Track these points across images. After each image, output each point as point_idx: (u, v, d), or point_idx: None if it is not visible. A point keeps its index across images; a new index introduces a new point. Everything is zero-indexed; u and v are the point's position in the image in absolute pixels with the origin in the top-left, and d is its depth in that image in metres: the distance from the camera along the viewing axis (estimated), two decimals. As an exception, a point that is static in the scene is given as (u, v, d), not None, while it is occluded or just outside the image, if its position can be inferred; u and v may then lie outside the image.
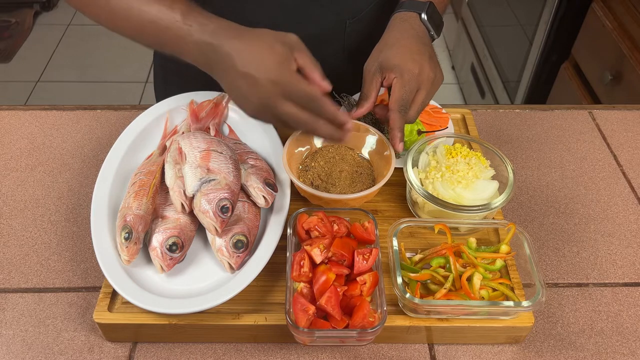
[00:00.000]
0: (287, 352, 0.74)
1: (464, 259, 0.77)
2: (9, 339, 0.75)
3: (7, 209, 0.91)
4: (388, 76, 0.80)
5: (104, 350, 0.74)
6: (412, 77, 0.79)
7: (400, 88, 0.79)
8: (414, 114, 0.81)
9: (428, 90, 0.82)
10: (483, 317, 0.73)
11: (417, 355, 0.75)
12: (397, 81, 0.79)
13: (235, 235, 0.75)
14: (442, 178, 0.83)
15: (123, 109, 1.09)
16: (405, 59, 0.81)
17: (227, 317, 0.73)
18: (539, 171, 1.00)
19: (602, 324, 0.79)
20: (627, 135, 1.08)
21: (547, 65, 2.07)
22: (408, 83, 0.79)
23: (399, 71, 0.79)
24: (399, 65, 0.80)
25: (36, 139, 1.02)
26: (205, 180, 0.76)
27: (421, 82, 0.81)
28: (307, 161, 0.90)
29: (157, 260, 0.74)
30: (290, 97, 0.68)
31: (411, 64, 0.80)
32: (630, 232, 0.91)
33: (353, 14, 0.99)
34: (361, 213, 0.80)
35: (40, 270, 0.83)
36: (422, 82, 0.81)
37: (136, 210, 0.76)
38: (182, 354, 0.74)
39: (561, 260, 0.87)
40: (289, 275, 0.71)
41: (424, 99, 0.82)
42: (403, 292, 0.70)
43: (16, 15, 3.20)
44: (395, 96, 0.79)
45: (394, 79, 0.79)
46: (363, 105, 0.82)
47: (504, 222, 0.80)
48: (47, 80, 2.87)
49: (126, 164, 0.86)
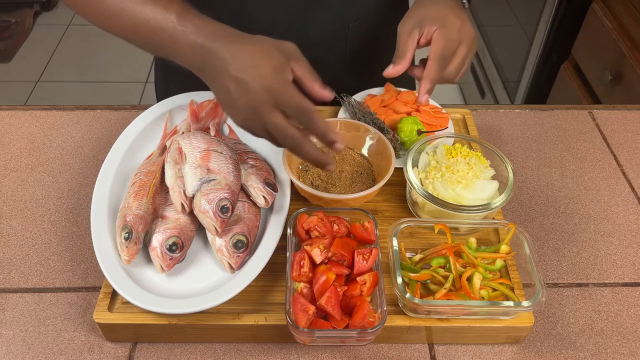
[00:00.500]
0: (287, 352, 0.74)
1: (464, 259, 0.77)
2: (9, 339, 0.75)
3: (7, 209, 0.91)
4: (428, 30, 0.77)
5: (104, 350, 0.74)
6: (454, 30, 0.76)
7: (442, 38, 0.75)
8: (455, 69, 0.78)
9: (470, 45, 0.78)
10: (483, 317, 0.73)
11: (417, 355, 0.75)
12: (439, 32, 0.76)
13: (235, 235, 0.75)
14: (442, 178, 0.83)
15: (123, 109, 1.09)
16: (446, 13, 0.77)
17: (227, 317, 0.73)
18: (539, 171, 1.00)
19: (602, 324, 0.79)
20: (627, 135, 1.08)
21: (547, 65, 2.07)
22: (450, 34, 0.76)
23: (441, 23, 0.76)
24: (441, 18, 0.76)
25: (36, 139, 1.02)
26: (205, 180, 0.76)
27: (463, 36, 0.77)
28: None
29: (157, 260, 0.74)
30: (281, 106, 0.65)
31: (453, 17, 0.77)
32: (630, 232, 0.91)
33: (355, 18, 0.99)
34: (361, 213, 0.80)
35: (40, 270, 0.83)
36: (464, 36, 0.77)
37: (136, 210, 0.76)
38: (182, 354, 0.74)
39: (561, 260, 0.87)
40: (289, 275, 0.71)
41: (466, 53, 0.78)
42: (403, 292, 0.70)
43: (16, 15, 3.20)
44: (437, 45, 0.75)
45: (435, 31, 0.76)
46: (399, 63, 0.77)
47: (504, 222, 0.80)
48: (47, 80, 2.87)
49: (126, 164, 0.86)
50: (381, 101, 1.00)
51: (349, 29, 1.00)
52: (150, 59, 2.97)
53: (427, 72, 0.77)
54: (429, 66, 0.76)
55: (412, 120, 0.92)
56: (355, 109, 0.97)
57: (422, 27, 0.77)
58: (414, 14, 0.80)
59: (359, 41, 1.03)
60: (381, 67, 1.09)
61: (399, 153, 0.93)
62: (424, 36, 0.77)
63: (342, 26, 0.99)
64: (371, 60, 1.08)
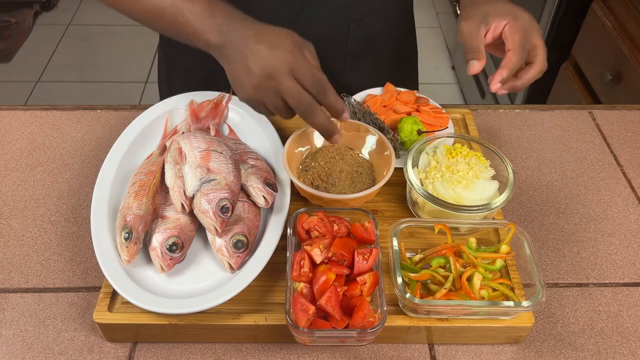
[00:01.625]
0: (287, 352, 0.74)
1: (464, 259, 0.77)
2: (9, 339, 0.75)
3: (7, 209, 0.91)
4: (496, 25, 0.78)
5: (104, 350, 0.74)
6: (525, 22, 0.78)
7: (518, 30, 0.77)
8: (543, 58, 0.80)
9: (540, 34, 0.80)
10: (483, 317, 0.73)
11: (417, 355, 0.75)
12: (512, 25, 0.77)
13: (235, 235, 0.75)
14: (442, 178, 0.83)
15: (123, 109, 1.09)
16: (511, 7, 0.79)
17: (227, 317, 0.73)
18: (539, 171, 1.00)
19: (602, 324, 0.79)
20: (627, 135, 1.08)
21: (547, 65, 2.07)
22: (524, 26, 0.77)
23: (510, 17, 0.77)
24: (509, 13, 0.78)
25: (36, 139, 1.02)
26: (205, 180, 0.76)
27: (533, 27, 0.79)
28: (307, 161, 0.90)
29: (157, 260, 0.74)
30: (297, 74, 0.69)
31: (520, 12, 0.79)
32: (630, 232, 0.91)
33: (357, 18, 0.99)
34: (361, 213, 0.80)
35: (40, 270, 0.83)
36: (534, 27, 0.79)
37: (136, 210, 0.76)
38: (182, 354, 0.74)
39: (561, 260, 0.87)
40: (289, 275, 0.71)
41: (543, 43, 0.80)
42: (403, 292, 0.70)
43: (16, 15, 3.20)
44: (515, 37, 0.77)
45: (505, 25, 0.77)
46: (480, 58, 0.78)
47: (504, 222, 0.80)
48: (47, 80, 2.87)
49: (126, 164, 0.86)
50: (381, 101, 1.00)
51: (350, 29, 1.00)
52: (150, 59, 2.97)
53: (507, 62, 0.77)
54: (511, 56, 0.77)
55: (412, 120, 0.92)
56: (355, 109, 0.97)
57: (488, 24, 0.79)
58: (475, 12, 0.81)
59: (359, 43, 1.03)
60: (382, 67, 1.09)
61: (399, 153, 0.93)
62: (492, 31, 0.79)
63: (344, 26, 0.99)
64: (372, 61, 1.08)
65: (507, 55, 0.78)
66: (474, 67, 0.78)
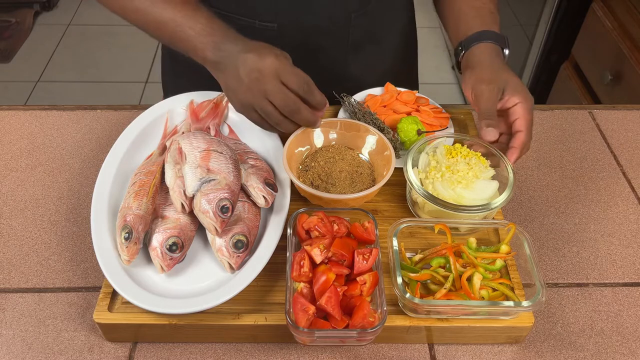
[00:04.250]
0: (287, 352, 0.74)
1: (464, 259, 0.77)
2: (9, 339, 0.75)
3: (7, 209, 0.91)
4: (511, 99, 0.85)
5: (104, 350, 0.74)
6: (531, 105, 0.85)
7: (528, 112, 0.84)
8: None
9: None
10: (483, 317, 0.73)
11: (417, 355, 0.75)
12: (524, 106, 0.84)
13: (235, 235, 0.75)
14: (442, 178, 0.82)
15: (123, 109, 1.09)
16: (523, 87, 0.87)
17: (227, 317, 0.73)
18: (539, 171, 1.00)
19: (602, 324, 0.79)
20: (627, 135, 1.08)
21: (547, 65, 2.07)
22: (530, 110, 0.85)
23: (522, 97, 0.84)
24: (523, 93, 0.85)
25: (36, 139, 1.02)
26: (205, 180, 0.76)
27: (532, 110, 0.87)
28: (307, 161, 0.90)
29: (157, 260, 0.74)
30: (282, 77, 0.77)
31: (528, 94, 0.86)
32: (630, 232, 0.91)
33: (358, 8, 0.99)
34: (361, 213, 0.80)
35: (40, 270, 0.83)
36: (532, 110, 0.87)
37: (136, 210, 0.76)
38: (182, 354, 0.74)
39: (561, 260, 0.87)
40: (289, 275, 0.71)
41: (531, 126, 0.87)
42: (403, 292, 0.70)
43: (16, 15, 3.20)
44: (526, 119, 0.84)
45: (517, 103, 0.84)
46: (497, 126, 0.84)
47: (504, 222, 0.80)
48: (47, 80, 2.87)
49: (126, 164, 0.86)
50: (381, 101, 1.00)
51: (352, 19, 1.00)
52: (150, 59, 2.97)
53: (520, 142, 0.84)
54: (522, 137, 0.84)
55: (412, 120, 0.92)
56: (355, 109, 0.97)
57: (504, 94, 0.85)
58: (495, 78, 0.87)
59: (361, 32, 1.03)
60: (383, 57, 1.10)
61: (399, 153, 0.93)
62: (504, 103, 0.85)
63: (345, 16, 0.99)
64: (374, 51, 1.08)
65: (519, 135, 0.84)
66: (492, 134, 0.83)
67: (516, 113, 0.84)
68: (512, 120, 0.84)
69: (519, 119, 0.84)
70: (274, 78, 0.77)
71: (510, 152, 0.84)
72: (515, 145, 0.84)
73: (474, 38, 0.92)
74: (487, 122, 0.84)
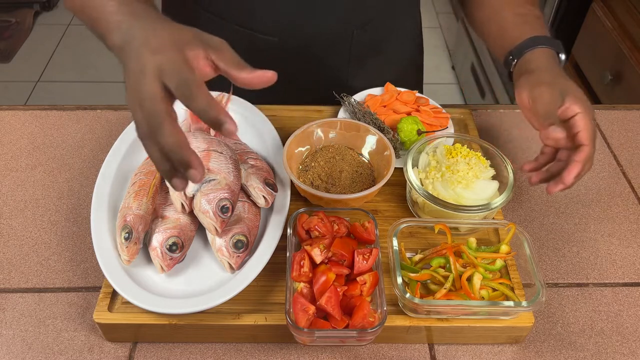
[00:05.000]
0: (287, 352, 0.74)
1: (464, 259, 0.77)
2: (9, 339, 0.75)
3: (7, 209, 0.91)
4: (571, 109, 0.77)
5: (104, 350, 0.74)
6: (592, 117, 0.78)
7: (590, 123, 0.77)
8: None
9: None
10: (483, 317, 0.73)
11: (417, 355, 0.75)
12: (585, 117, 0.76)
13: (235, 235, 0.75)
14: (442, 178, 0.83)
15: (123, 109, 1.09)
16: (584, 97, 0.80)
17: (227, 317, 0.73)
18: (539, 171, 1.00)
19: (602, 324, 0.79)
20: (627, 135, 1.08)
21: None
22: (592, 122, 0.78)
23: (584, 107, 0.77)
24: (583, 101, 0.78)
25: (36, 139, 1.02)
26: (205, 180, 0.76)
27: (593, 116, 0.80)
28: (307, 161, 0.90)
29: (157, 260, 0.74)
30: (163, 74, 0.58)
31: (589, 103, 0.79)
32: (630, 232, 0.91)
33: (360, 24, 0.99)
34: (361, 213, 0.80)
35: (40, 270, 0.83)
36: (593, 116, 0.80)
37: (136, 210, 0.76)
38: (182, 354, 0.74)
39: (561, 260, 0.87)
40: (289, 275, 0.71)
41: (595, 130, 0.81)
42: (403, 292, 0.70)
43: (16, 15, 3.20)
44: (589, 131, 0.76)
45: (578, 113, 0.77)
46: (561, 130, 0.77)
47: (504, 222, 0.80)
48: (47, 80, 2.87)
49: (126, 164, 0.86)
50: (381, 101, 1.00)
51: (354, 35, 0.99)
52: (150, 59, 2.96)
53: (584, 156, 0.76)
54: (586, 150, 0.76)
55: (412, 120, 0.92)
56: (355, 109, 0.97)
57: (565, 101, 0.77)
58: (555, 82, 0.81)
59: (363, 48, 1.02)
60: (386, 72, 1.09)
61: (399, 153, 0.93)
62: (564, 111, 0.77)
63: (346, 32, 0.99)
64: (376, 66, 1.08)
65: (584, 149, 0.76)
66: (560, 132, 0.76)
67: (578, 125, 0.76)
68: (575, 132, 0.76)
69: (582, 131, 0.75)
70: (154, 79, 0.58)
71: (572, 166, 0.75)
72: (578, 160, 0.75)
73: (527, 44, 0.87)
74: (549, 121, 0.77)
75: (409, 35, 1.11)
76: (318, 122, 0.91)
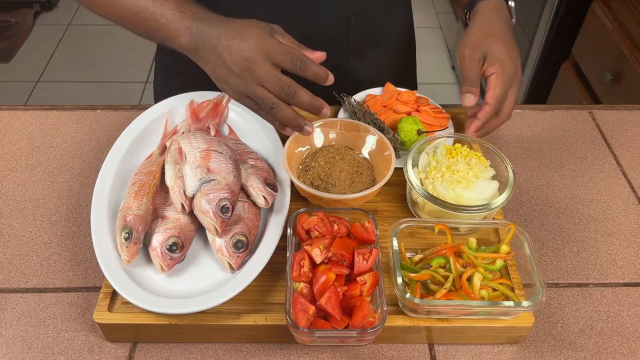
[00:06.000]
0: (287, 352, 0.74)
1: (464, 259, 0.77)
2: (9, 339, 0.75)
3: (7, 209, 0.91)
4: (487, 69, 0.83)
5: (104, 350, 0.74)
6: (509, 76, 0.83)
7: (501, 85, 0.83)
8: (510, 111, 0.87)
9: (518, 87, 0.86)
10: (483, 317, 0.73)
11: (417, 355, 0.75)
12: (498, 78, 0.83)
13: (235, 235, 0.75)
14: (442, 178, 0.83)
15: (123, 109, 1.09)
16: (506, 55, 0.84)
17: (227, 317, 0.73)
18: (539, 171, 1.00)
19: (602, 324, 0.79)
20: (627, 135, 1.08)
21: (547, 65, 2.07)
22: (506, 82, 0.83)
23: (500, 67, 0.82)
24: (502, 62, 0.83)
25: (36, 139, 1.02)
26: (205, 180, 0.76)
27: (514, 80, 0.85)
28: (307, 161, 0.90)
29: (157, 260, 0.74)
30: (272, 58, 0.72)
31: (510, 63, 0.84)
32: (630, 232, 0.91)
33: (358, 12, 0.99)
34: (361, 213, 0.80)
35: (40, 270, 0.83)
36: (516, 80, 0.85)
37: (136, 210, 0.76)
38: (182, 354, 0.74)
39: (561, 260, 0.87)
40: (289, 275, 0.71)
41: (516, 97, 0.86)
42: (403, 292, 0.70)
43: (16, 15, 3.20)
44: (496, 93, 0.83)
45: (492, 74, 0.83)
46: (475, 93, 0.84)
47: (504, 222, 0.80)
48: (47, 80, 2.87)
49: (126, 164, 0.86)
50: (381, 101, 1.00)
51: (351, 23, 1.00)
52: (150, 59, 2.97)
53: (483, 113, 0.84)
54: (487, 109, 0.84)
55: (412, 120, 0.92)
56: (355, 109, 0.97)
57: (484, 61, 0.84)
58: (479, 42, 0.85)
59: (361, 36, 1.03)
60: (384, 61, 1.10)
61: (399, 153, 0.93)
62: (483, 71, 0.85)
63: (344, 21, 0.99)
64: (375, 55, 1.08)
65: (485, 108, 0.84)
66: (470, 100, 0.84)
67: (489, 84, 0.83)
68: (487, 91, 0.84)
69: (489, 90, 0.83)
70: (265, 62, 0.72)
71: (469, 120, 0.85)
72: (479, 117, 0.84)
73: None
74: (466, 87, 0.84)
75: (403, 26, 1.13)
76: (318, 122, 0.91)
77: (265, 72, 0.72)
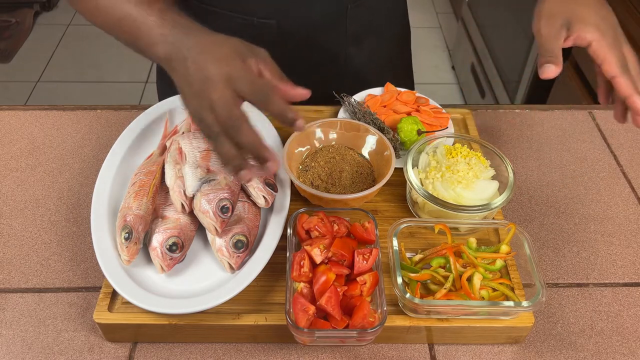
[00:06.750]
0: (287, 352, 0.74)
1: (464, 259, 0.77)
2: (9, 339, 0.75)
3: (7, 209, 0.91)
4: (581, 37, 0.72)
5: (104, 350, 0.74)
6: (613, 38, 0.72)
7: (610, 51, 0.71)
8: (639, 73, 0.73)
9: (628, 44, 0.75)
10: (483, 317, 0.73)
11: (417, 355, 0.75)
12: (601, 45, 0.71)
13: (235, 235, 0.75)
14: (442, 178, 0.83)
15: (123, 109, 1.09)
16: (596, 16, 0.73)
17: (227, 317, 0.73)
18: (539, 171, 1.00)
19: (602, 324, 0.79)
20: (627, 135, 1.08)
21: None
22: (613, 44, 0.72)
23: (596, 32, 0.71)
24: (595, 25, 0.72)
25: (36, 139, 1.02)
26: (205, 180, 0.76)
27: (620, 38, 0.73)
28: (307, 161, 0.90)
29: (157, 260, 0.74)
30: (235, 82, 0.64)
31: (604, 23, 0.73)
32: (630, 232, 0.91)
33: None
34: (361, 213, 0.80)
35: (40, 270, 0.83)
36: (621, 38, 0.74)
37: (136, 210, 0.76)
38: (182, 354, 0.74)
39: (561, 260, 0.87)
40: (289, 275, 0.71)
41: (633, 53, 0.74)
42: (403, 292, 0.70)
43: (16, 15, 3.20)
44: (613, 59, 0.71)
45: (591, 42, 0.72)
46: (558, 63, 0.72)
47: (504, 222, 0.80)
48: (47, 80, 2.87)
49: (126, 164, 0.86)
50: (381, 101, 1.00)
51: (348, 10, 1.00)
52: (150, 59, 2.97)
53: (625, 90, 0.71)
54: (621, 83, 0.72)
55: (412, 120, 0.92)
56: (355, 109, 0.97)
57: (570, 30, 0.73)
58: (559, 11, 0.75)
59: (358, 23, 1.03)
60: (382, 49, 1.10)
61: (399, 153, 0.93)
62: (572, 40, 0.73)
63: (341, 8, 0.99)
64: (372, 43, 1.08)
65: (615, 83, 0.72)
66: (550, 71, 0.72)
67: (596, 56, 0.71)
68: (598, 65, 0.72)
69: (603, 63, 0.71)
70: (225, 87, 0.64)
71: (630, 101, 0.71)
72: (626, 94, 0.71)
73: None
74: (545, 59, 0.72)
75: (400, 16, 1.13)
76: (318, 122, 0.91)
77: (219, 96, 0.64)
